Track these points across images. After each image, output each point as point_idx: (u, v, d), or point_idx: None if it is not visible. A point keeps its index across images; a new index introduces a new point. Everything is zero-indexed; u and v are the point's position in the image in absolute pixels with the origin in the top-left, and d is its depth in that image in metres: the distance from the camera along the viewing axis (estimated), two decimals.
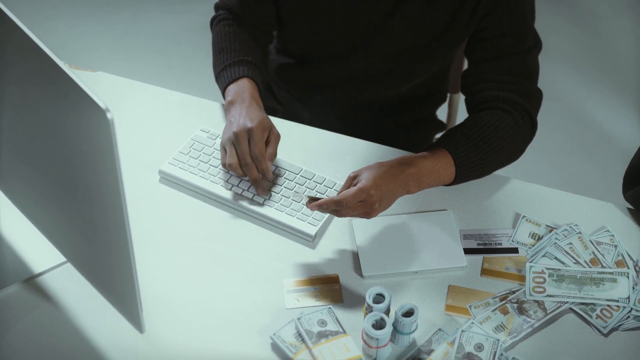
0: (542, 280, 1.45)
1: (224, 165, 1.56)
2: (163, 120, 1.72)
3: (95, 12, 3.34)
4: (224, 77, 1.67)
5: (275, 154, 1.57)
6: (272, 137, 1.57)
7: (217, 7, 1.80)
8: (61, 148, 1.18)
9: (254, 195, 1.56)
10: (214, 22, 1.78)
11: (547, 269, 1.46)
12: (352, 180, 1.47)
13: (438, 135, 2.03)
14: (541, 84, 1.67)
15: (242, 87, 1.63)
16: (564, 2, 3.39)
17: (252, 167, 1.53)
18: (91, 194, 1.17)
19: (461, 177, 1.56)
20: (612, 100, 3.08)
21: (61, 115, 1.13)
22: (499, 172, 1.63)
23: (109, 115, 1.03)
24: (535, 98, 1.64)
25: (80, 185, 1.18)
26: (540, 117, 1.67)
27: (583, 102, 3.07)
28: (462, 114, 1.84)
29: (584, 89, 3.11)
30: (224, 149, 1.56)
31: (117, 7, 3.35)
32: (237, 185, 1.58)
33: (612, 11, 3.39)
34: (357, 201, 1.43)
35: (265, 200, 1.56)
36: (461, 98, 2.03)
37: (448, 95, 2.01)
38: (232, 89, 1.64)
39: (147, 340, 1.38)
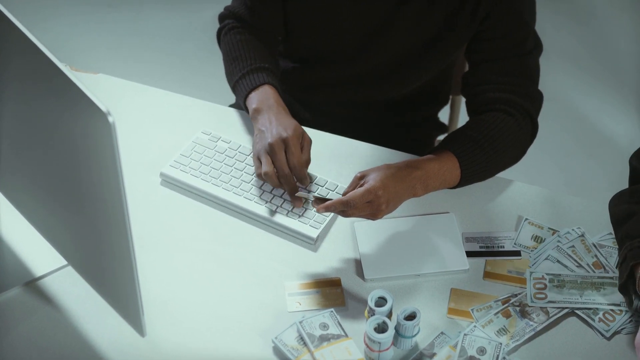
0: (542, 286, 1.44)
1: (259, 175, 1.53)
2: (164, 123, 1.72)
3: (95, 12, 3.33)
4: (243, 85, 1.64)
5: (309, 160, 1.54)
6: (305, 144, 1.54)
7: (222, 17, 1.77)
8: (62, 150, 1.17)
9: (288, 212, 1.54)
10: (222, 33, 1.75)
11: (547, 274, 1.45)
12: (358, 180, 1.47)
13: (440, 137, 2.03)
14: (541, 84, 1.66)
15: (266, 94, 1.61)
16: (562, 0, 3.38)
17: (290, 178, 1.51)
18: (92, 196, 1.16)
19: (466, 179, 1.55)
20: (613, 99, 3.08)
21: (62, 117, 1.13)
22: (501, 175, 1.63)
23: (110, 119, 1.03)
24: (536, 100, 1.64)
25: (81, 188, 1.18)
26: (541, 118, 1.66)
27: (583, 101, 3.07)
28: (463, 116, 1.84)
29: (583, 89, 3.11)
30: (258, 159, 1.53)
31: (117, 7, 3.35)
32: (270, 202, 1.56)
33: (611, 9, 3.38)
34: (364, 202, 1.42)
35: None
36: (463, 100, 2.02)
37: (450, 97, 2.01)
38: (254, 96, 1.61)
39: (148, 343, 1.38)
